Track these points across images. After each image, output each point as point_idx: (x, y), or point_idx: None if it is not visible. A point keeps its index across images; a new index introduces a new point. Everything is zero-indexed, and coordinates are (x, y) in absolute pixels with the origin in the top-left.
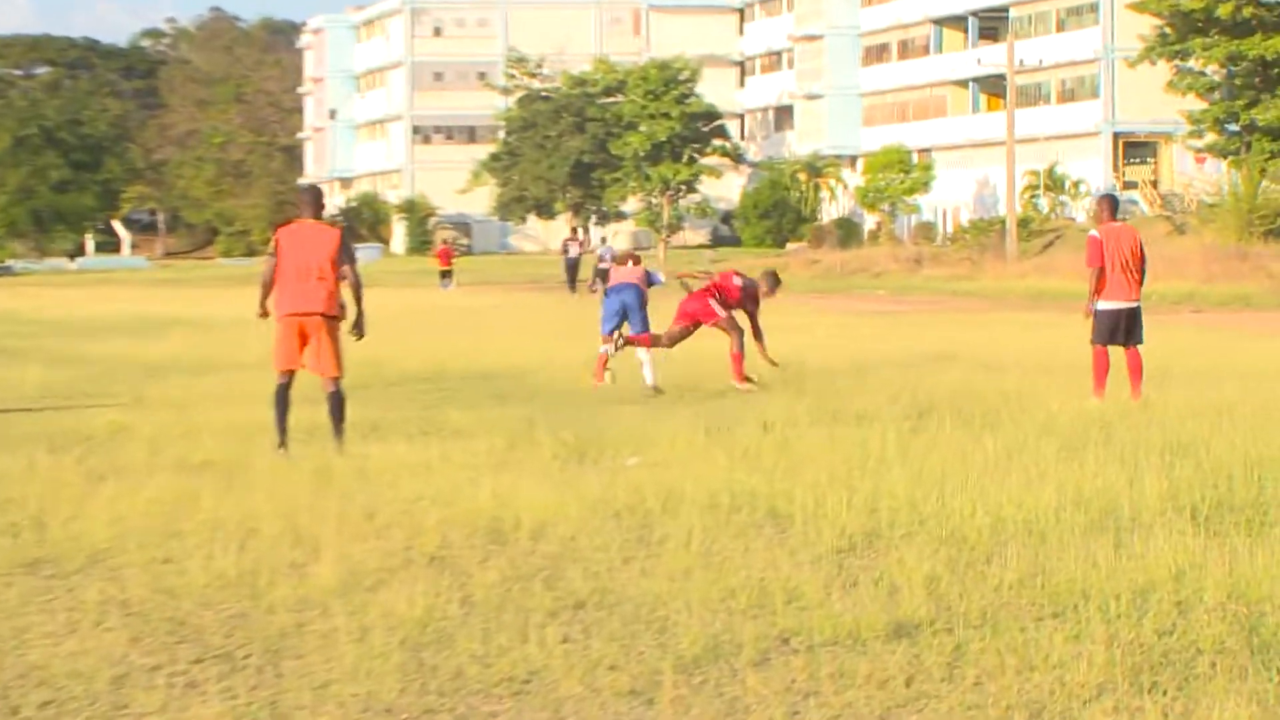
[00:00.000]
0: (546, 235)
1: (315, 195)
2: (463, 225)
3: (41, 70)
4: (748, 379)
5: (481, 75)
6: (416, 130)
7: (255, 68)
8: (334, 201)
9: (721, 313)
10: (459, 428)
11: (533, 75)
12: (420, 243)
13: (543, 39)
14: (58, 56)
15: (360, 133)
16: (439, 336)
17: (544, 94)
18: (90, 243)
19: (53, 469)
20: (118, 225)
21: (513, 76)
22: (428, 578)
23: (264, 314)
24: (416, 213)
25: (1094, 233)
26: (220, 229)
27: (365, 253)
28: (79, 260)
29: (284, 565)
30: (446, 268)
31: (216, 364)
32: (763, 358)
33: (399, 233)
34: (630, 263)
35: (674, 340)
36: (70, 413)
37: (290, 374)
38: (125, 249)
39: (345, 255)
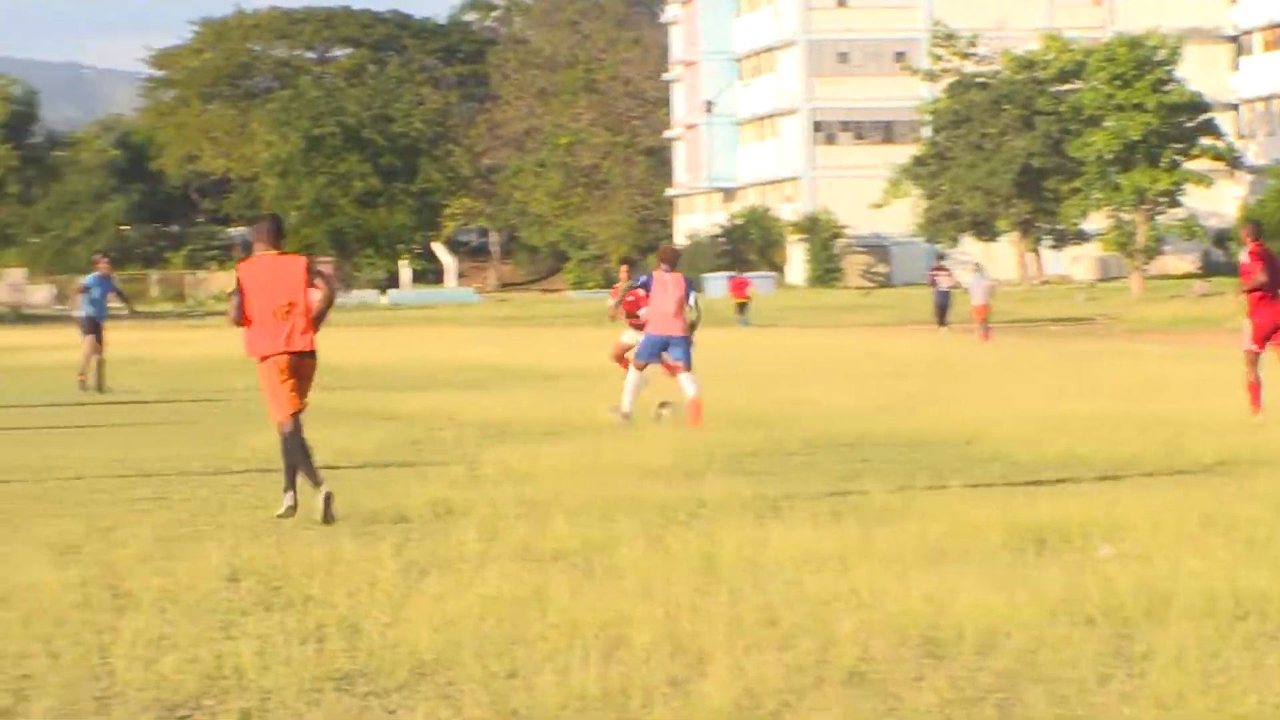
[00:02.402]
0: (987, 262)
1: (274, 224)
2: (878, 249)
3: (340, 53)
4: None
5: (899, 56)
6: (817, 127)
7: (609, 49)
8: (713, 219)
9: None
10: (881, 509)
11: (965, 56)
12: (825, 270)
13: (977, 10)
14: (360, 36)
15: (744, 131)
16: (853, 390)
17: (980, 80)
18: (406, 271)
19: (362, 560)
20: (440, 249)
21: (939, 58)
22: (846, 700)
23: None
24: (819, 233)
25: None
26: (569, 253)
27: (757, 283)
28: (391, 293)
29: (661, 682)
30: (743, 300)
31: (567, 426)
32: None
33: (796, 258)
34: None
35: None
36: (380, 487)
37: (296, 417)
38: (450, 279)
39: (316, 275)
